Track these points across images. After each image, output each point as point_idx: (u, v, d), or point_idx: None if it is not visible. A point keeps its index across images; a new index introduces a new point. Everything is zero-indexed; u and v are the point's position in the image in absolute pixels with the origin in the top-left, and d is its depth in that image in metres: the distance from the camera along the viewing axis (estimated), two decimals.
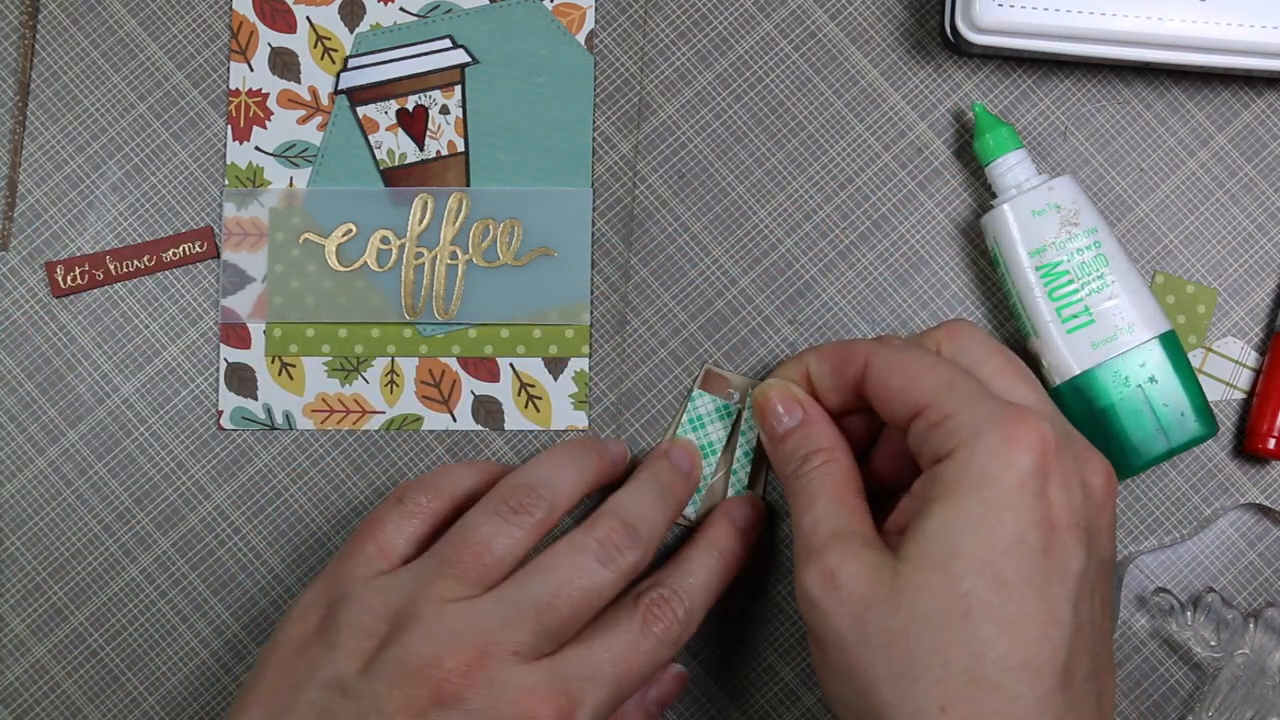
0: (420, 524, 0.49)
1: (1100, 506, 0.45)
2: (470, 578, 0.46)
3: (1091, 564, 0.44)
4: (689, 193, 0.56)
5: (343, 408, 0.55)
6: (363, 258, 0.56)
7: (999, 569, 0.42)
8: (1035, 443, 0.43)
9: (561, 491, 0.49)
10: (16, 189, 0.56)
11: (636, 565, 0.47)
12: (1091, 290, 0.51)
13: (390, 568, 0.47)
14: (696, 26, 0.56)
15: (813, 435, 0.49)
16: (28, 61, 0.56)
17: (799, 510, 0.47)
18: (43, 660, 0.55)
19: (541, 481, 0.48)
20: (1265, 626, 0.53)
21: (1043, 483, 0.43)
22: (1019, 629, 0.42)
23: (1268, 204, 0.56)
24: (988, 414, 0.44)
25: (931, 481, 0.44)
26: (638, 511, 0.48)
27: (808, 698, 0.54)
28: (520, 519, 0.47)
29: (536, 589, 0.45)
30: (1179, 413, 0.51)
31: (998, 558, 0.42)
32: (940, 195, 0.56)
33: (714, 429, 0.55)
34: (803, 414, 0.49)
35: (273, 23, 0.56)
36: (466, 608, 0.45)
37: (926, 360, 0.46)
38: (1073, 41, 0.52)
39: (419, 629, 0.44)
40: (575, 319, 0.55)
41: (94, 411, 0.55)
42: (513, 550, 0.47)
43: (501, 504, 0.47)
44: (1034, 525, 0.43)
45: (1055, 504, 0.43)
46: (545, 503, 0.48)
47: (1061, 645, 0.42)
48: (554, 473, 0.49)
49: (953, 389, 0.45)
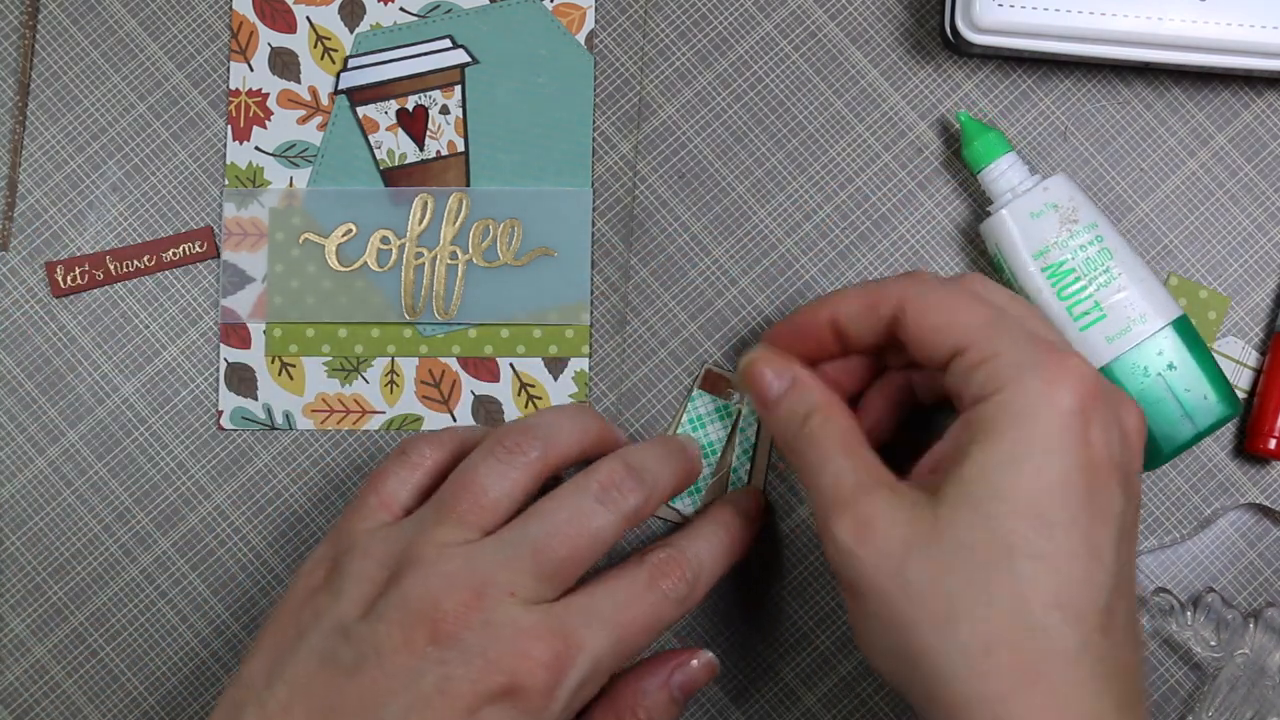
0: (423, 475, 0.49)
1: (1135, 451, 0.45)
2: (469, 521, 0.46)
3: (1130, 508, 0.44)
4: (689, 193, 0.56)
5: (343, 408, 0.55)
6: (363, 258, 0.56)
7: (1042, 509, 0.42)
8: (1077, 384, 0.43)
9: (558, 436, 0.48)
10: (16, 189, 0.56)
11: (638, 509, 0.47)
12: (1099, 285, 0.51)
13: (393, 519, 0.48)
14: (696, 26, 0.56)
15: (806, 395, 0.48)
16: (28, 61, 0.56)
17: (813, 469, 0.46)
18: (43, 660, 0.55)
19: (538, 424, 0.48)
20: (1265, 626, 0.53)
21: (1085, 424, 0.43)
22: (1063, 569, 0.42)
23: (1268, 204, 0.56)
24: (1031, 355, 0.44)
25: (972, 422, 0.44)
26: (643, 459, 0.48)
27: (808, 697, 0.54)
28: (515, 459, 0.47)
29: (534, 530, 0.45)
30: (1202, 396, 0.51)
31: (1041, 498, 0.42)
32: (940, 195, 0.56)
33: (714, 429, 0.55)
34: (792, 377, 0.48)
35: (273, 23, 0.56)
36: (465, 550, 0.45)
37: (965, 298, 0.46)
38: (1073, 41, 0.52)
39: (418, 572, 0.44)
40: (575, 319, 0.55)
41: (94, 411, 0.55)
42: (509, 492, 0.46)
43: (497, 445, 0.47)
44: (1077, 467, 0.42)
45: (1096, 446, 0.43)
46: (540, 442, 0.47)
47: (1104, 587, 0.42)
48: (552, 419, 0.49)
49: (995, 328, 0.45)
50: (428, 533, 0.45)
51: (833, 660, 0.54)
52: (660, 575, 0.47)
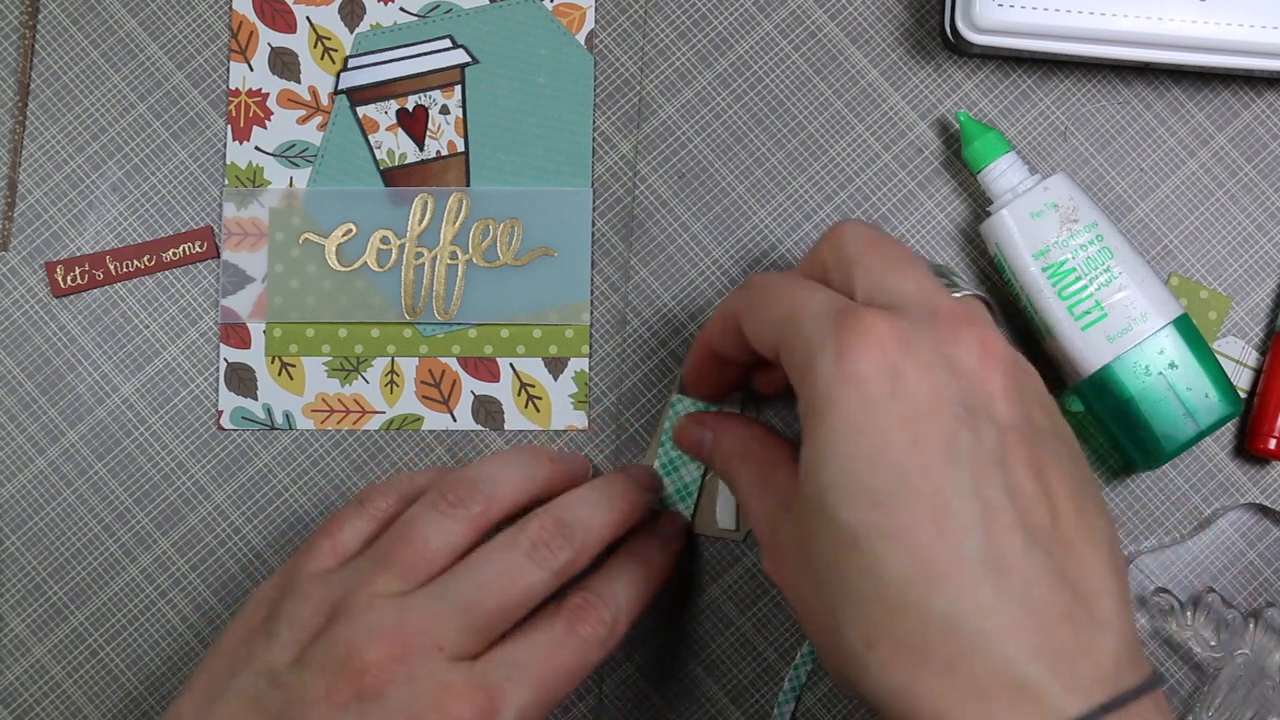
0: (377, 526, 0.49)
1: (980, 377, 0.41)
2: (406, 573, 0.46)
3: (987, 436, 0.40)
4: (689, 193, 0.56)
5: (343, 408, 0.55)
6: (363, 258, 0.56)
7: (868, 487, 0.39)
8: (872, 346, 0.40)
9: (502, 488, 0.48)
10: (16, 189, 0.56)
11: (569, 565, 0.47)
12: (1100, 284, 0.51)
13: (338, 564, 0.48)
14: (696, 26, 0.56)
15: (723, 446, 0.49)
16: (28, 61, 0.56)
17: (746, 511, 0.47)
18: (43, 660, 0.55)
19: (482, 477, 0.48)
20: (1265, 626, 0.53)
21: (894, 379, 0.40)
22: (909, 538, 0.39)
23: (1268, 204, 0.56)
24: (819, 334, 0.41)
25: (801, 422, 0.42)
26: (575, 512, 0.48)
27: (808, 697, 0.54)
28: (457, 512, 0.47)
29: (465, 584, 0.45)
30: (1203, 394, 0.51)
31: (864, 477, 0.39)
32: (940, 195, 0.56)
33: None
34: (711, 432, 0.50)
35: (273, 23, 0.56)
36: (396, 602, 0.45)
37: (773, 294, 0.44)
38: (1073, 41, 0.52)
39: (348, 622, 0.44)
40: (575, 319, 0.55)
41: (94, 411, 0.55)
42: (449, 544, 0.47)
43: (440, 498, 0.48)
44: (895, 427, 0.39)
45: (915, 395, 0.40)
46: (483, 496, 0.48)
47: (967, 534, 0.38)
48: (496, 469, 0.49)
49: (791, 320, 0.42)
50: (364, 582, 0.45)
51: None
52: (578, 621, 0.47)
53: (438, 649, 0.44)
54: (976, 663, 0.38)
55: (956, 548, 0.38)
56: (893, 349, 0.40)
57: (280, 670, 0.44)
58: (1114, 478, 0.55)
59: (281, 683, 0.44)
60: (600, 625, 0.47)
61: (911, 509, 0.39)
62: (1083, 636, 0.39)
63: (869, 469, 0.39)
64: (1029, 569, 0.39)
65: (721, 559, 0.55)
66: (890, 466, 0.39)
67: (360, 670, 0.43)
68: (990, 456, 0.40)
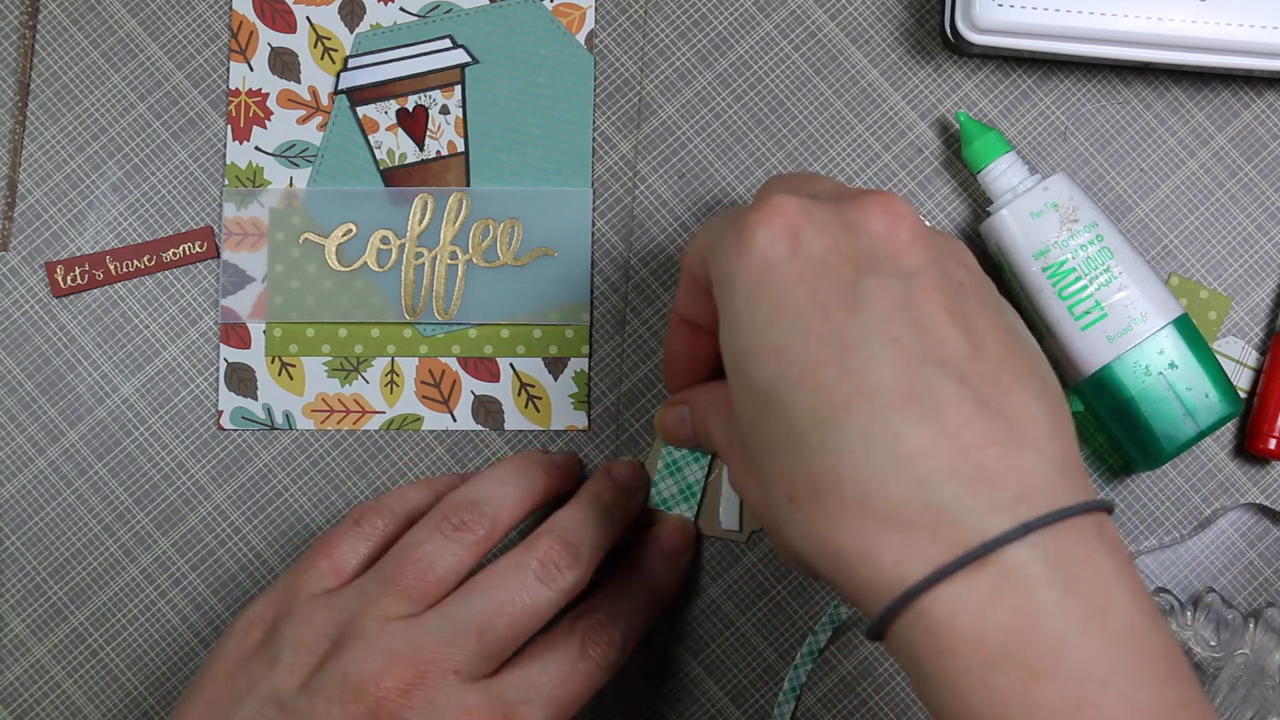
0: (374, 546, 0.49)
1: (884, 234, 0.40)
2: (413, 595, 0.46)
3: (891, 282, 0.39)
4: (689, 193, 0.56)
5: (343, 408, 0.55)
6: (363, 258, 0.56)
7: (773, 342, 0.39)
8: (767, 218, 0.40)
9: (505, 508, 0.49)
10: (16, 189, 0.56)
11: (576, 584, 0.48)
12: (1100, 284, 0.51)
13: (338, 585, 0.48)
14: (696, 26, 0.56)
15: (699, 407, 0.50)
16: (28, 61, 0.56)
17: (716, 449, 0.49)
18: (43, 660, 0.55)
19: (484, 499, 0.49)
20: (1265, 626, 0.53)
21: (791, 244, 0.40)
22: (813, 380, 0.38)
23: (1268, 204, 0.56)
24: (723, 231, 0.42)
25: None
26: (578, 530, 0.49)
27: (808, 697, 0.54)
28: (462, 536, 0.48)
29: (477, 607, 0.46)
30: (1203, 394, 0.51)
31: (768, 333, 0.39)
32: (940, 195, 0.56)
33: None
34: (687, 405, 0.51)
35: (273, 23, 0.56)
36: (407, 626, 0.45)
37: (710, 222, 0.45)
38: (1073, 41, 0.52)
39: (359, 646, 0.44)
40: (575, 319, 0.55)
41: (94, 411, 0.55)
42: (455, 568, 0.47)
43: (444, 521, 0.48)
44: (793, 282, 0.39)
45: (812, 251, 0.40)
46: (487, 519, 0.48)
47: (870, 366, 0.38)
48: (497, 489, 0.49)
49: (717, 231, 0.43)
50: (371, 604, 0.45)
51: (833, 660, 0.55)
52: (591, 644, 0.48)
53: (453, 672, 0.44)
54: (891, 490, 0.37)
55: (861, 382, 0.38)
56: (790, 216, 0.40)
57: (287, 696, 0.44)
58: (1114, 478, 0.55)
59: (292, 710, 0.43)
60: (611, 648, 0.48)
61: (816, 353, 0.38)
62: (1009, 458, 0.37)
63: (770, 324, 0.39)
64: (942, 394, 0.38)
65: (721, 559, 0.55)
66: (791, 318, 0.39)
67: (379, 697, 0.43)
68: (894, 299, 0.39)
